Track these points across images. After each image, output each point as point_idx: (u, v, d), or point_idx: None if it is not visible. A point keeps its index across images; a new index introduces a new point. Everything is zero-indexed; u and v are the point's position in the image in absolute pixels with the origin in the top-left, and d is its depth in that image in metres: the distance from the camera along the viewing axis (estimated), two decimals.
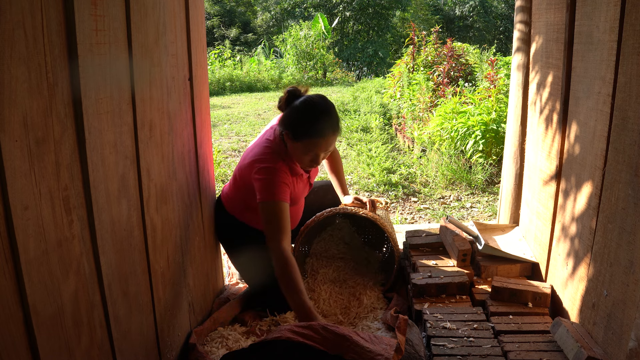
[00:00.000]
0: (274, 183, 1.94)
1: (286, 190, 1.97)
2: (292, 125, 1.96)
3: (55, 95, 1.09)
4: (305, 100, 1.98)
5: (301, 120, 1.95)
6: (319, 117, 1.94)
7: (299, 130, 1.94)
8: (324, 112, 1.96)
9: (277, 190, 1.93)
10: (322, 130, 1.93)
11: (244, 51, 16.92)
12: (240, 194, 2.14)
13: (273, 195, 1.92)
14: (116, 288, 1.38)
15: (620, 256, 1.44)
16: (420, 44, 7.65)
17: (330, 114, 1.97)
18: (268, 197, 1.92)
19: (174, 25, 1.70)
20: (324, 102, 2.00)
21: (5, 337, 0.98)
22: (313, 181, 2.30)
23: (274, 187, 1.93)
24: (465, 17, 20.15)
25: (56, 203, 1.11)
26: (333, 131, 1.96)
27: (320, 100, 2.00)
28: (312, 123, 1.93)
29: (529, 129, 2.38)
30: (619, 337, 1.43)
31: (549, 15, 2.04)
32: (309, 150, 1.96)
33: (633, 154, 1.39)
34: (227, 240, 2.27)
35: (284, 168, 2.00)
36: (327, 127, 1.94)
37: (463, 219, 3.68)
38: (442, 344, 1.67)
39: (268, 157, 2.01)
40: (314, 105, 1.97)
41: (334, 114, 1.99)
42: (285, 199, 1.95)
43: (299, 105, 1.98)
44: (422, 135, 5.16)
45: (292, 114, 1.97)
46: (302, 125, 1.94)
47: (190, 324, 1.96)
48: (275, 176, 1.95)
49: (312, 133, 1.93)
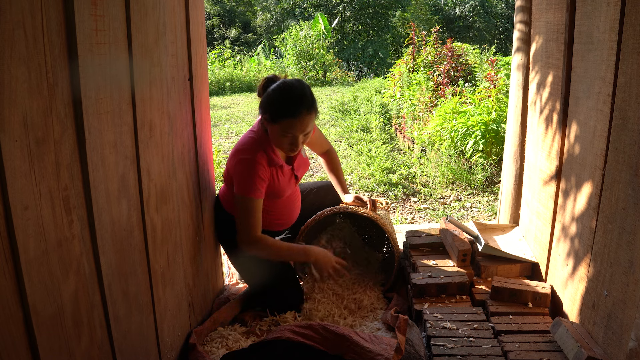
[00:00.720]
0: (250, 177, 1.99)
1: (261, 184, 2.02)
2: (268, 107, 1.99)
3: (55, 95, 1.09)
4: (280, 83, 2.02)
5: (275, 102, 1.98)
6: (292, 97, 1.97)
7: (274, 111, 1.97)
8: (297, 92, 1.98)
9: (252, 186, 1.99)
10: (296, 109, 1.95)
11: (244, 51, 16.92)
12: (229, 188, 2.16)
13: (247, 191, 1.99)
14: (116, 288, 1.38)
15: (620, 256, 1.44)
16: (420, 44, 7.65)
17: (304, 94, 1.99)
18: (242, 191, 2.00)
19: (174, 25, 1.70)
20: (299, 83, 2.04)
21: (5, 337, 0.98)
22: (300, 175, 2.29)
23: (249, 181, 1.99)
24: (465, 17, 20.15)
25: (56, 203, 1.11)
26: (308, 111, 1.97)
27: (295, 82, 2.03)
28: (286, 103, 1.96)
29: (529, 129, 2.38)
30: (619, 337, 1.43)
31: (549, 15, 2.04)
32: (286, 132, 1.98)
33: (633, 154, 1.39)
34: (227, 240, 2.27)
35: (262, 160, 2.03)
36: (302, 107, 1.95)
37: (463, 219, 3.68)
38: (442, 344, 1.67)
39: (248, 146, 2.05)
40: (288, 86, 2.00)
41: (308, 95, 2.00)
42: (259, 195, 2.01)
43: (274, 87, 2.01)
44: (422, 135, 5.16)
45: (268, 97, 2.01)
46: (277, 106, 1.97)
47: (190, 324, 1.96)
48: (251, 170, 2.00)
49: (287, 113, 1.95)
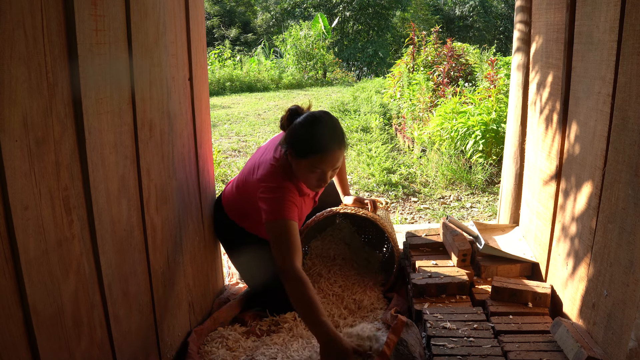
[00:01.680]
0: (283, 202, 1.84)
1: (294, 209, 1.87)
2: (295, 142, 1.86)
3: (55, 95, 1.09)
4: (308, 116, 1.89)
5: (305, 136, 1.85)
6: (323, 132, 1.85)
7: (303, 146, 1.84)
8: (328, 126, 1.87)
9: (286, 209, 1.83)
10: (327, 144, 1.83)
11: (244, 51, 16.91)
12: (241, 202, 2.10)
13: (282, 214, 1.81)
14: (116, 288, 1.38)
15: (620, 256, 1.44)
16: (420, 44, 7.65)
17: (335, 128, 1.88)
18: (276, 216, 1.81)
19: (174, 25, 1.70)
20: (328, 116, 1.91)
21: (5, 337, 0.98)
22: (318, 197, 2.23)
23: (282, 205, 1.83)
24: (465, 17, 20.15)
25: (56, 203, 1.11)
26: (339, 146, 1.86)
27: (324, 115, 1.91)
28: (316, 138, 1.83)
29: (529, 129, 2.38)
30: (619, 337, 1.43)
31: (549, 15, 2.04)
32: (315, 167, 1.85)
33: (633, 154, 1.39)
34: (227, 241, 2.27)
35: (292, 187, 1.91)
36: (333, 142, 1.84)
37: (463, 219, 3.68)
38: (442, 344, 1.67)
39: (276, 177, 1.91)
40: (317, 119, 1.88)
41: (339, 128, 1.90)
42: (294, 217, 1.85)
43: (302, 120, 1.88)
44: (422, 135, 5.16)
45: (295, 131, 1.88)
46: (306, 140, 1.84)
47: (190, 324, 1.97)
48: (283, 195, 1.86)
49: (317, 149, 1.82)
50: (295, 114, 1.93)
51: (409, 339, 1.71)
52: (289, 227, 1.79)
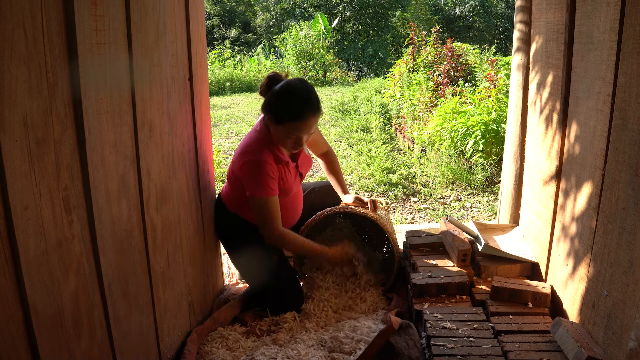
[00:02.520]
0: (260, 177, 2.00)
1: (272, 182, 2.03)
2: (272, 109, 2.00)
3: (55, 95, 1.09)
4: (284, 84, 2.01)
5: (281, 104, 1.99)
6: (298, 100, 1.98)
7: (279, 114, 1.98)
8: (303, 94, 2.00)
9: (264, 185, 2.00)
10: (302, 112, 1.97)
11: (244, 51, 16.91)
12: (236, 189, 2.15)
13: (261, 190, 2.00)
14: (116, 288, 1.38)
15: (620, 256, 1.44)
16: (420, 44, 7.65)
17: (310, 96, 2.01)
18: (256, 192, 2.01)
19: (174, 25, 1.70)
20: (303, 85, 2.04)
21: (5, 337, 0.98)
22: (305, 172, 2.31)
23: (260, 181, 2.00)
24: (465, 17, 20.15)
25: (56, 203, 1.11)
26: (313, 113, 2.00)
27: (299, 84, 2.04)
28: (292, 106, 1.97)
29: (529, 129, 2.38)
30: (619, 337, 1.43)
31: (549, 15, 2.04)
32: (291, 133, 2.00)
33: (633, 154, 1.39)
34: (227, 240, 2.27)
35: (269, 158, 2.03)
36: (307, 109, 1.98)
37: (463, 219, 3.68)
38: (442, 344, 1.67)
39: (253, 147, 2.05)
40: (293, 88, 2.01)
41: (314, 96, 2.03)
42: (273, 192, 2.03)
43: (278, 89, 2.01)
44: (422, 135, 5.15)
45: (272, 99, 2.02)
46: (282, 108, 1.98)
47: (190, 324, 1.96)
48: (260, 170, 2.00)
49: (293, 116, 1.97)
50: (273, 80, 2.05)
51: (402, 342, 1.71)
52: (266, 202, 2.02)
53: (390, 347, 1.70)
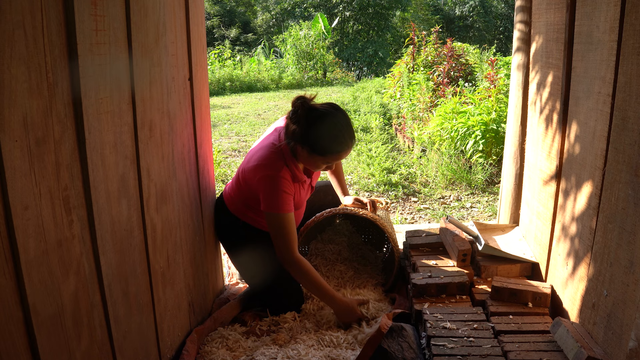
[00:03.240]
0: (277, 194, 1.97)
1: (289, 199, 2.00)
2: (313, 141, 1.96)
3: (55, 95, 1.09)
4: (324, 117, 1.97)
5: (325, 140, 1.96)
6: (342, 134, 1.98)
7: (322, 148, 1.97)
8: (346, 127, 1.99)
9: (281, 202, 1.97)
10: (345, 145, 2.00)
11: (244, 51, 16.92)
12: (242, 194, 2.14)
13: (278, 207, 1.97)
14: (116, 288, 1.38)
15: (620, 256, 1.44)
16: (420, 44, 7.65)
17: (350, 127, 2.02)
18: (273, 209, 1.98)
19: (174, 25, 1.70)
20: (341, 115, 2.01)
21: (5, 337, 0.98)
22: (314, 184, 2.30)
23: (277, 198, 1.97)
24: (465, 17, 20.15)
25: (56, 203, 1.11)
26: (352, 141, 2.03)
27: (338, 114, 2.00)
28: (337, 141, 1.97)
29: (529, 129, 2.38)
30: (619, 337, 1.43)
31: (549, 15, 2.04)
32: (329, 162, 2.03)
33: (633, 154, 1.39)
34: (227, 240, 2.27)
35: (287, 175, 2.00)
36: (349, 141, 2.00)
37: (463, 219, 3.68)
38: (442, 344, 1.67)
39: (272, 162, 2.00)
40: (336, 123, 1.97)
41: (350, 124, 2.03)
42: (290, 209, 2.00)
43: (319, 122, 1.96)
44: (422, 135, 5.16)
45: (313, 132, 1.95)
46: (327, 144, 1.97)
47: (190, 324, 1.96)
48: (277, 186, 1.97)
49: (337, 150, 1.99)
50: (306, 108, 1.97)
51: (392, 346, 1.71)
52: (285, 220, 1.99)
53: (382, 352, 1.70)
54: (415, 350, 1.73)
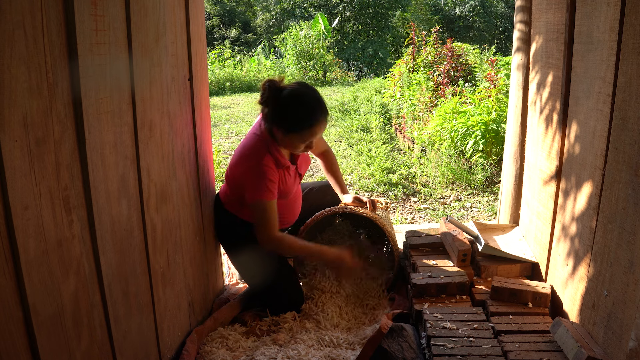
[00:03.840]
0: (260, 181, 2.00)
1: (273, 187, 2.03)
2: (284, 120, 1.99)
3: (55, 95, 1.09)
4: (291, 94, 2.01)
5: (293, 114, 1.99)
6: (310, 108, 2.00)
7: (294, 124, 1.99)
8: (313, 100, 2.02)
9: (264, 189, 2.00)
10: (315, 118, 2.00)
11: (244, 51, 16.91)
12: (234, 191, 2.15)
13: (260, 194, 2.00)
14: (116, 288, 1.38)
15: (620, 256, 1.44)
16: (420, 44, 7.65)
17: (319, 100, 2.03)
18: (255, 196, 2.01)
19: (174, 25, 1.70)
20: (309, 90, 2.06)
21: (5, 337, 0.98)
22: (304, 172, 2.31)
23: (260, 185, 2.00)
24: (465, 17, 20.15)
25: (56, 203, 1.11)
26: (324, 115, 2.03)
27: (306, 89, 2.05)
28: (306, 114, 1.99)
29: (529, 129, 2.38)
30: (619, 337, 1.43)
31: (549, 15, 2.04)
32: (306, 139, 2.03)
33: (633, 154, 1.39)
34: (227, 240, 2.27)
35: (270, 163, 2.03)
36: (320, 114, 2.01)
37: (463, 219, 3.68)
38: (442, 344, 1.67)
39: (253, 151, 2.05)
40: (302, 96, 2.01)
41: (321, 99, 2.04)
42: (272, 196, 2.02)
43: (288, 100, 2.00)
44: (422, 135, 5.15)
45: (283, 110, 2.00)
46: (297, 118, 1.99)
47: (190, 324, 1.96)
48: (260, 174, 2.00)
49: (307, 124, 1.99)
50: (273, 88, 2.03)
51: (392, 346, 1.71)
52: (265, 205, 2.01)
53: (382, 352, 1.70)
54: (415, 350, 1.73)
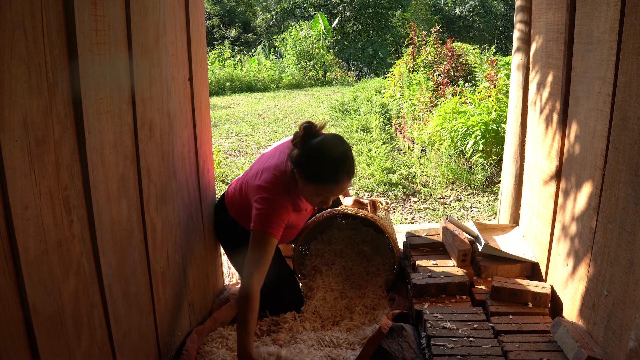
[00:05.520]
0: (272, 217, 1.87)
1: (281, 226, 1.90)
2: (306, 167, 1.86)
3: (55, 95, 1.09)
4: (322, 143, 1.86)
5: (316, 165, 1.85)
6: (335, 163, 1.85)
7: (313, 173, 1.86)
8: (341, 158, 1.87)
9: (272, 225, 1.86)
10: (336, 176, 1.86)
11: (244, 51, 16.91)
12: (242, 204, 2.10)
13: (265, 227, 1.85)
14: (116, 288, 1.38)
15: (620, 256, 1.44)
16: (420, 44, 7.65)
17: (346, 160, 1.88)
18: (260, 227, 1.86)
19: (174, 25, 1.70)
20: (342, 146, 1.91)
21: (5, 337, 0.98)
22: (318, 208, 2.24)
23: (270, 220, 1.86)
24: (465, 17, 20.15)
25: (56, 203, 1.11)
26: (348, 177, 1.89)
27: (338, 144, 1.90)
28: (328, 169, 1.85)
29: (529, 129, 2.38)
30: (619, 337, 1.43)
31: (549, 15, 2.04)
32: (321, 193, 1.89)
33: (633, 154, 1.39)
34: (227, 241, 2.26)
35: (288, 204, 1.93)
36: (342, 174, 1.86)
37: (463, 219, 3.68)
38: (442, 344, 1.67)
39: (275, 188, 1.92)
40: (331, 149, 1.87)
41: (350, 159, 1.90)
42: (277, 235, 1.88)
43: (315, 147, 1.85)
44: (422, 135, 5.16)
45: (308, 156, 1.86)
46: (317, 169, 1.85)
47: (190, 324, 1.96)
48: (274, 210, 1.88)
49: (327, 179, 1.86)
50: (310, 133, 1.88)
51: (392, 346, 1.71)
52: (267, 242, 1.85)
53: (382, 352, 1.70)
54: (415, 350, 1.73)
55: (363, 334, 1.99)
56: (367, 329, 2.04)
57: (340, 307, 2.19)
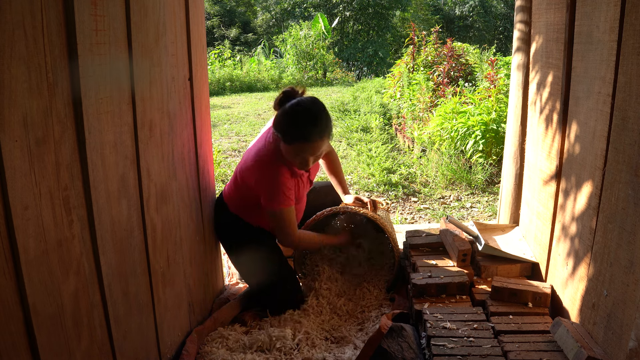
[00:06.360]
0: (278, 190, 2.00)
1: (290, 194, 2.04)
2: (281, 127, 1.97)
3: (55, 95, 1.09)
4: (294, 104, 1.97)
5: (289, 124, 1.95)
6: (306, 122, 1.94)
7: (287, 133, 1.95)
8: (312, 117, 1.95)
9: (282, 198, 2.01)
10: (308, 135, 1.93)
11: (244, 51, 16.91)
12: (241, 194, 2.14)
13: (279, 202, 2.01)
14: (116, 288, 1.38)
15: (620, 256, 1.44)
16: (420, 44, 7.65)
17: (318, 119, 1.96)
18: (274, 205, 2.02)
19: (174, 25, 1.70)
20: (314, 106, 1.99)
21: (5, 337, 0.98)
22: (313, 178, 2.32)
23: (278, 194, 2.00)
24: (465, 17, 20.15)
25: (56, 203, 1.11)
26: (320, 136, 1.96)
27: (310, 105, 1.98)
28: (299, 128, 1.94)
29: (529, 129, 2.38)
30: (619, 337, 1.43)
31: (549, 15, 2.04)
32: (297, 153, 1.97)
33: (633, 154, 1.39)
34: (227, 240, 2.27)
35: (285, 172, 2.02)
36: (314, 133, 1.94)
37: (463, 219, 3.68)
38: (442, 344, 1.67)
39: (270, 158, 2.03)
40: (302, 109, 1.96)
41: (323, 119, 1.97)
42: (291, 203, 2.04)
43: (288, 108, 1.97)
44: (422, 135, 5.15)
45: (282, 117, 1.98)
46: (290, 129, 1.95)
47: (190, 324, 1.96)
48: (278, 183, 2.00)
49: (299, 137, 1.93)
50: (288, 96, 2.02)
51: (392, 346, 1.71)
52: (286, 213, 2.04)
53: (382, 352, 1.70)
54: (415, 350, 1.73)
55: (363, 334, 1.99)
56: (367, 329, 2.03)
57: (340, 306, 2.19)
